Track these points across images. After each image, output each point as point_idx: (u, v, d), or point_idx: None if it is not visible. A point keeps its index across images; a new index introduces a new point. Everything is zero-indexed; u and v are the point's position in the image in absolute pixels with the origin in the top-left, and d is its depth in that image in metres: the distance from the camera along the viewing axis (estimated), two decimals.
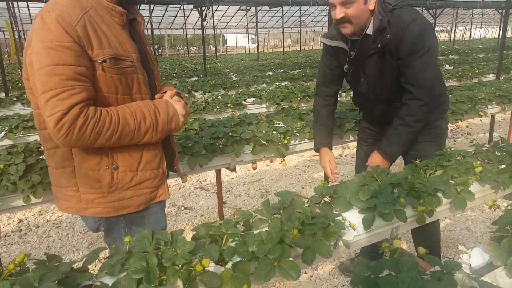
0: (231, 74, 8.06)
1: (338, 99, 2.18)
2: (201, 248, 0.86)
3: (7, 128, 2.94)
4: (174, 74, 7.91)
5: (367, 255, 2.33)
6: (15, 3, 10.75)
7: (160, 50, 29.75)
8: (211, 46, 31.67)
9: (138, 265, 0.81)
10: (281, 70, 8.08)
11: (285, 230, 1.02)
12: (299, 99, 4.22)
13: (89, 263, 0.91)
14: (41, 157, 1.81)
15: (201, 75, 7.75)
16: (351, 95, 2.20)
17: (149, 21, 13.35)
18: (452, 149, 1.63)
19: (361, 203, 1.26)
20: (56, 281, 0.77)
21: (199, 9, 8.40)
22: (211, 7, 8.85)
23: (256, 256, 0.89)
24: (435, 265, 0.94)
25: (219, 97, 4.31)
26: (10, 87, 6.18)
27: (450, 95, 3.35)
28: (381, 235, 1.28)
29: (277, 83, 5.98)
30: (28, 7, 13.21)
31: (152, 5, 13.27)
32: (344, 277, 2.37)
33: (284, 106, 3.77)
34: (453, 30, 19.28)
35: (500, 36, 4.92)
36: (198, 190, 3.96)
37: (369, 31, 1.67)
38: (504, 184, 1.43)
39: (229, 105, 3.88)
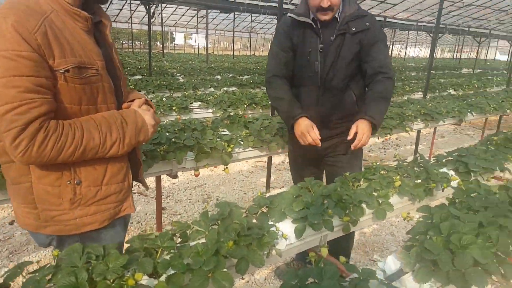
0: (178, 75, 7.93)
1: None
2: (134, 261, 0.87)
3: None
4: None
5: (301, 259, 2.45)
6: None
7: None
8: (158, 42, 30.79)
9: (67, 281, 0.78)
10: (230, 75, 8.13)
11: (221, 242, 1.06)
12: (245, 106, 4.31)
13: (11, 279, 0.86)
14: None
15: (145, 74, 7.53)
16: None
17: None
18: (378, 163, 1.78)
19: (294, 213, 1.35)
20: None
21: (146, 6, 8.16)
22: (160, 4, 8.64)
23: (191, 268, 0.93)
24: (354, 273, 1.05)
25: (164, 99, 4.26)
26: None
27: None
28: (311, 243, 1.38)
29: (225, 88, 6.02)
30: None
31: None
32: (279, 281, 2.47)
33: (230, 113, 3.83)
34: (390, 48, 20.77)
35: (429, 58, 5.41)
36: (136, 195, 3.86)
37: (337, 14, 1.83)
38: (419, 197, 1.60)
39: (174, 108, 3.85)
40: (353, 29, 1.79)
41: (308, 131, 1.82)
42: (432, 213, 1.29)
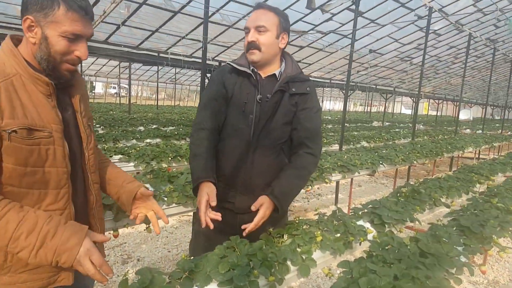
0: (97, 126, 7.54)
1: None
2: None
3: None
4: None
5: None
6: None
7: None
8: None
9: None
10: (154, 126, 7.97)
11: None
12: (170, 159, 4.20)
13: None
14: None
15: None
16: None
17: None
18: (300, 218, 1.83)
19: (220, 276, 1.31)
20: None
21: None
22: None
23: None
24: None
25: None
26: None
27: None
28: None
29: (148, 140, 5.86)
30: None
31: None
32: None
33: (154, 167, 3.69)
34: None
35: (342, 113, 5.91)
36: None
37: (277, 72, 1.72)
38: (339, 251, 1.66)
39: None
40: (293, 89, 1.70)
41: (200, 202, 1.51)
42: (351, 268, 1.34)
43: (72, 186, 1.21)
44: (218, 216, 1.49)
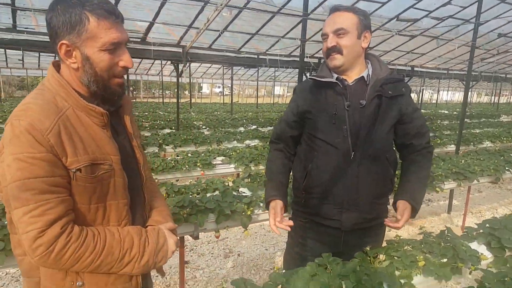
0: (203, 127, 8.10)
1: None
2: None
3: None
4: (147, 125, 7.75)
5: None
6: None
7: (135, 93, 30.71)
8: (186, 92, 32.27)
9: None
10: (253, 127, 8.22)
11: None
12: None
13: None
14: (5, 222, 1.80)
15: (173, 127, 7.72)
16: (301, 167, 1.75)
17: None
18: (401, 237, 1.69)
19: None
20: None
21: (175, 64, 8.58)
22: (187, 63, 9.10)
23: None
24: None
25: (189, 154, 4.37)
26: None
27: None
28: None
29: (247, 141, 6.10)
30: None
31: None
32: None
33: (251, 170, 3.85)
34: (420, 95, 20.56)
35: (461, 109, 5.23)
36: None
37: (365, 74, 1.61)
38: (445, 278, 1.49)
39: (198, 164, 3.92)
40: (390, 92, 1.57)
41: (269, 216, 1.65)
42: None
43: (132, 214, 1.18)
44: (290, 222, 1.63)
